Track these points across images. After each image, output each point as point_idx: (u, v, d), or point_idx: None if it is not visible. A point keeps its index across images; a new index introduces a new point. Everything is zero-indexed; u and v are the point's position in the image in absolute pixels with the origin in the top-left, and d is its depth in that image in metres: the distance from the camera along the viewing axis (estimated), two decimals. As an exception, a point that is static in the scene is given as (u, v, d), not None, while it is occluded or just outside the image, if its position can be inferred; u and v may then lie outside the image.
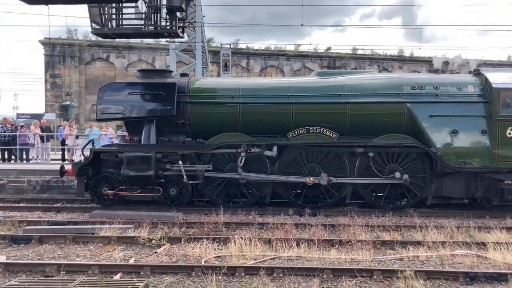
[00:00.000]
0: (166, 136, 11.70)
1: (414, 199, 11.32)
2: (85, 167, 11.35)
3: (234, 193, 11.65)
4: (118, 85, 12.11)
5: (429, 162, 11.17)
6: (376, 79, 12.07)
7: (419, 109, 11.10)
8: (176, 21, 12.59)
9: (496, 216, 10.84)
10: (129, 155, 11.03)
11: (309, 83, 12.03)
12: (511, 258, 7.14)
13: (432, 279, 6.35)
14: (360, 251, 7.48)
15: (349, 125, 11.30)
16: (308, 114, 11.37)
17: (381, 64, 37.62)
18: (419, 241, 8.19)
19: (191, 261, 7.16)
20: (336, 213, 11.03)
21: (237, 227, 9.57)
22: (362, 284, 6.21)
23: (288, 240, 7.88)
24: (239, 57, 35.05)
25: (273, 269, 6.53)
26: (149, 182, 11.13)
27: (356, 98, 11.29)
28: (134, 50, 34.66)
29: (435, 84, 11.43)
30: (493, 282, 6.26)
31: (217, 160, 11.41)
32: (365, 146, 11.12)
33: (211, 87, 12.25)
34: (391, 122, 11.22)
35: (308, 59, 36.77)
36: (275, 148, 11.21)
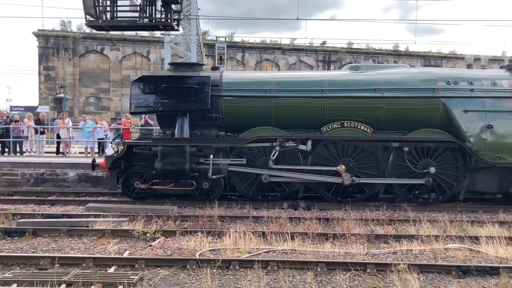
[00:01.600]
0: (198, 129, 11.61)
1: (447, 194, 11.36)
2: (117, 160, 11.30)
3: (265, 187, 11.60)
4: (151, 78, 12.10)
5: (462, 157, 11.24)
6: (410, 74, 12.09)
7: (454, 104, 11.10)
8: (171, 14, 12.52)
9: (488, 210, 10.94)
10: (164, 148, 10.98)
11: (343, 77, 11.99)
12: (503, 252, 7.21)
13: (425, 273, 6.40)
14: (354, 245, 7.52)
15: (384, 120, 11.28)
16: (342, 108, 11.29)
17: (376, 59, 37.63)
18: (413, 235, 8.24)
19: (186, 254, 7.17)
20: (331, 207, 11.07)
21: (231, 221, 9.59)
22: (356, 278, 6.24)
23: (283, 234, 7.90)
24: (234, 50, 34.95)
25: (267, 262, 6.56)
26: (183, 176, 11.06)
27: (391, 92, 11.26)
28: (128, 43, 34.45)
29: (470, 79, 11.45)
30: (485, 275, 6.32)
31: (251, 153, 11.42)
32: (401, 141, 11.16)
33: (244, 81, 12.14)
34: (425, 117, 11.22)
35: (303, 53, 36.72)
36: (310, 143, 11.22)
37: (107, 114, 33.33)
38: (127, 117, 19.58)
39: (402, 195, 11.41)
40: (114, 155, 11.58)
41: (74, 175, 13.84)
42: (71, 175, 13.78)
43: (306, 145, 11.19)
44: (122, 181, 11.40)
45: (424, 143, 11.19)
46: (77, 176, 13.83)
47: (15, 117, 18.56)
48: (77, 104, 34.40)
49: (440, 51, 37.86)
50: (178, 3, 12.54)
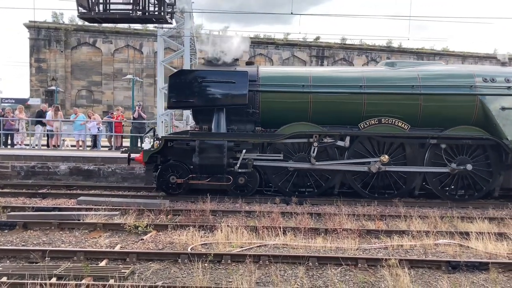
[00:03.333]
0: (234, 124, 11.59)
1: (482, 191, 11.49)
2: (154, 155, 11.27)
3: (300, 183, 11.62)
4: (189, 73, 12.03)
5: (498, 154, 11.33)
6: (447, 71, 12.22)
7: (491, 101, 11.19)
8: (165, 7, 12.46)
9: (478, 206, 11.04)
10: (202, 143, 10.98)
11: (381, 74, 12.03)
12: (492, 248, 7.29)
13: (416, 268, 6.45)
14: (346, 240, 7.56)
15: (421, 116, 11.34)
16: (380, 105, 11.32)
17: (369, 55, 37.71)
18: (404, 230, 8.29)
19: (178, 248, 7.17)
20: (322, 202, 11.11)
21: (224, 215, 9.60)
22: (347, 272, 6.28)
23: (275, 228, 7.92)
24: (228, 44, 34.84)
25: (259, 256, 6.57)
26: (221, 171, 11.06)
27: (429, 89, 11.31)
28: (121, 36, 34.19)
29: (506, 76, 11.55)
30: (475, 271, 6.38)
31: (287, 149, 11.43)
32: (439, 138, 11.23)
33: (281, 76, 12.13)
34: (462, 114, 11.30)
35: (297, 48, 36.70)
36: (348, 139, 11.26)
37: (99, 107, 33.12)
38: (119, 110, 19.49)
39: (438, 191, 11.49)
40: (151, 149, 11.49)
41: (66, 168, 13.76)
42: (62, 168, 13.70)
43: (344, 141, 11.25)
44: (158, 176, 11.39)
45: (461, 140, 11.26)
46: (69, 169, 13.75)
47: (8, 109, 18.37)
48: (68, 97, 34.13)
49: (433, 47, 38.03)
50: (172, -4, 12.47)
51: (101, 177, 13.82)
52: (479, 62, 36.47)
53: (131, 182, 13.62)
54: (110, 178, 13.79)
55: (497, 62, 14.29)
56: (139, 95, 32.39)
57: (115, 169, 13.86)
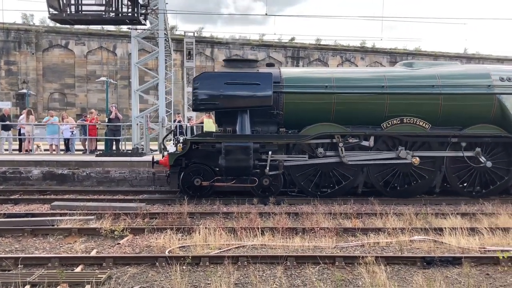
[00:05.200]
0: (257, 126, 11.62)
1: (499, 187, 11.83)
2: (179, 158, 11.18)
3: (323, 183, 11.73)
4: (213, 75, 12.10)
5: None
6: (465, 71, 12.55)
7: (508, 100, 11.53)
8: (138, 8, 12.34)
9: (451, 202, 11.30)
10: (229, 145, 10.95)
11: (401, 74, 12.22)
12: (465, 242, 7.47)
13: (392, 264, 6.56)
14: (323, 239, 7.62)
15: (441, 115, 11.60)
16: (401, 105, 11.55)
17: (344, 55, 38.13)
18: (380, 228, 8.43)
19: (155, 251, 7.11)
20: (300, 202, 11.19)
21: (201, 217, 9.55)
22: (325, 271, 6.33)
23: (253, 229, 7.93)
24: (203, 45, 34.67)
25: (237, 258, 6.56)
26: (247, 172, 11.08)
27: (448, 89, 11.56)
28: (94, 37, 33.63)
29: None
30: (448, 265, 6.53)
31: (311, 150, 11.54)
32: (460, 136, 11.52)
33: (304, 77, 12.27)
34: (480, 112, 11.61)
35: (272, 49, 36.82)
36: (372, 139, 11.42)
37: (73, 110, 32.50)
38: (93, 113, 19.17)
39: (456, 188, 11.88)
40: (176, 152, 11.38)
41: (39, 173, 13.47)
42: (35, 173, 13.40)
43: (369, 141, 11.40)
44: (182, 179, 11.29)
45: (481, 138, 11.56)
46: (42, 174, 13.47)
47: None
48: (40, 100, 33.37)
49: (405, 47, 38.70)
50: (145, -3, 12.35)
51: (76, 181, 13.58)
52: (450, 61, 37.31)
53: (106, 186, 13.43)
54: (85, 182, 13.57)
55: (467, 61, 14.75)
56: (114, 98, 31.93)
57: (90, 173, 13.64)
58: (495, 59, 36.57)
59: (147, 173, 13.65)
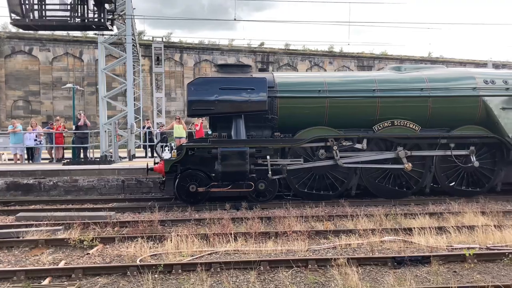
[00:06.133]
0: (252, 131, 11.64)
1: (486, 186, 12.23)
2: (175, 164, 11.09)
3: (318, 187, 11.85)
4: (208, 80, 11.98)
5: (500, 151, 12.15)
6: (451, 74, 12.82)
7: (492, 102, 11.99)
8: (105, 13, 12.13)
9: (419, 203, 11.56)
10: (225, 150, 10.88)
11: (391, 77, 12.42)
12: (433, 241, 7.65)
13: (363, 266, 6.65)
14: (296, 242, 7.66)
15: (429, 118, 11.95)
16: (392, 108, 11.83)
17: (312, 60, 38.54)
18: (351, 230, 8.54)
19: (126, 260, 6.97)
20: (272, 206, 11.21)
21: (173, 224, 9.44)
22: (298, 274, 6.36)
23: (225, 235, 7.89)
24: (172, 51, 34.35)
25: (210, 264, 6.52)
26: (243, 177, 11.07)
27: (437, 92, 11.88)
28: (59, 43, 32.82)
29: (503, 78, 12.39)
30: (418, 265, 6.67)
31: (306, 153, 11.71)
32: (449, 138, 11.91)
33: (297, 82, 12.35)
34: (467, 114, 12.03)
35: (242, 54, 36.86)
36: (365, 141, 11.57)
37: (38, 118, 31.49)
38: (59, 120, 18.69)
39: (448, 188, 12.22)
40: (171, 158, 11.26)
41: (2, 183, 13.02)
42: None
43: (362, 143, 11.58)
44: (177, 185, 11.19)
45: (468, 139, 11.92)
46: (6, 184, 13.03)
47: None
48: (3, 108, 32.30)
49: (372, 52, 39.46)
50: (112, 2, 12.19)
51: (42, 191, 13.20)
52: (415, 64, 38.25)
53: (74, 195, 13.11)
54: (51, 191, 13.20)
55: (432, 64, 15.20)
56: (81, 104, 31.24)
57: (57, 182, 13.28)
58: (457, 62, 37.67)
59: (116, 181, 13.41)
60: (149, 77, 32.26)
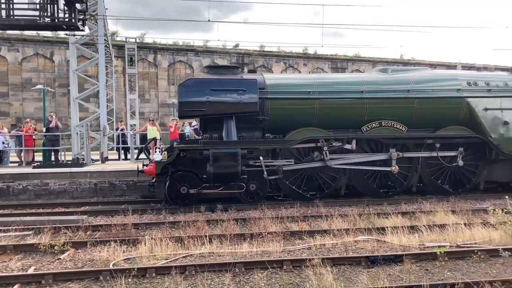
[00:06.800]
0: (243, 132, 11.57)
1: (470, 184, 12.63)
2: (166, 166, 10.94)
3: (309, 187, 12.00)
4: (199, 81, 11.83)
5: (483, 151, 12.49)
6: (435, 76, 13.13)
7: (475, 103, 12.36)
8: (76, 13, 11.91)
9: (392, 202, 11.76)
10: (217, 151, 10.86)
11: (378, 79, 12.57)
12: (406, 240, 7.79)
13: (338, 265, 6.70)
14: (271, 243, 7.67)
15: (416, 118, 12.20)
16: (380, 109, 12.05)
17: (287, 61, 38.76)
18: (325, 230, 8.61)
19: (98, 265, 6.84)
20: (247, 207, 11.20)
21: (147, 227, 9.33)
22: (273, 275, 6.36)
23: (200, 237, 7.85)
24: (146, 52, 33.96)
25: (185, 267, 6.46)
26: (235, 178, 11.06)
27: (422, 93, 12.22)
28: (29, 43, 31.99)
29: (486, 80, 12.75)
30: (391, 263, 6.77)
31: (295, 154, 11.79)
32: (435, 138, 12.18)
33: (288, 83, 12.42)
34: (451, 114, 12.33)
35: (217, 55, 36.76)
36: (354, 142, 11.83)
37: (7, 120, 30.69)
38: (29, 123, 18.22)
39: (434, 188, 12.51)
40: (162, 160, 11.09)
41: (-31, 188, 12.60)
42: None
43: (351, 144, 11.75)
44: (168, 187, 11.09)
45: (453, 139, 12.19)
46: (-28, 189, 12.60)
47: None
48: (-30, 110, 31.29)
49: (345, 54, 39.90)
50: (83, 2, 11.96)
51: (11, 195, 12.84)
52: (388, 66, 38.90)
53: (45, 199, 12.80)
54: (21, 195, 12.85)
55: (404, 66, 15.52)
56: (52, 106, 30.51)
57: (26, 186, 12.94)
58: (428, 64, 38.45)
59: (88, 184, 13.16)
60: (123, 78, 31.80)
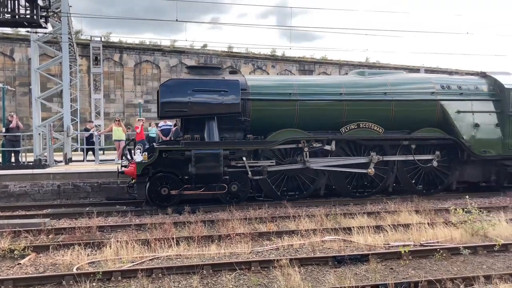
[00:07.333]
0: (225, 133, 11.57)
1: (443, 185, 13.00)
2: (147, 167, 10.85)
3: (289, 187, 12.11)
4: (181, 82, 11.61)
5: (455, 152, 12.86)
6: (411, 79, 13.55)
7: (449, 105, 12.74)
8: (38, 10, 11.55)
9: (358, 203, 11.96)
10: (199, 152, 10.71)
11: (356, 82, 12.72)
12: (371, 240, 7.93)
13: (305, 265, 6.76)
14: (239, 244, 7.65)
15: (392, 120, 12.44)
16: (358, 111, 12.19)
17: (255, 63, 38.87)
18: (293, 230, 8.66)
19: (61, 269, 6.64)
20: (215, 209, 11.15)
21: (112, 230, 9.14)
22: (241, 277, 6.35)
23: (168, 240, 7.74)
24: (111, 51, 33.28)
25: (151, 270, 6.35)
26: (217, 179, 10.95)
27: (399, 96, 12.49)
28: (-13, 40, 30.85)
29: (458, 84, 13.22)
30: (357, 263, 6.88)
31: (276, 155, 11.86)
32: (410, 139, 12.48)
33: (269, 85, 12.41)
34: (426, 117, 12.64)
35: (184, 55, 36.44)
36: (334, 143, 11.95)
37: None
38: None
39: (410, 188, 12.86)
40: (143, 161, 10.82)
41: None
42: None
43: (331, 145, 11.91)
44: (148, 188, 10.86)
45: (429, 140, 12.61)
46: None
47: None
48: None
49: (313, 56, 40.36)
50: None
51: (-33, 198, 12.29)
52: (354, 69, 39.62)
53: (4, 202, 12.33)
54: (-22, 198, 12.32)
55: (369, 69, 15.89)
56: (12, 106, 29.45)
57: (-16, 189, 12.43)
58: (392, 67, 39.38)
59: (51, 186, 12.78)
60: (87, 78, 31.07)
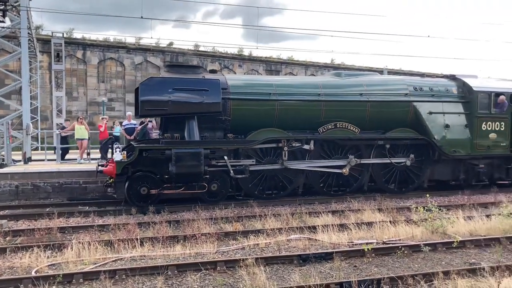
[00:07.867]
0: (205, 132, 11.49)
1: (415, 183, 13.40)
2: (126, 166, 10.65)
3: (269, 186, 12.22)
4: (161, 80, 11.40)
5: (427, 151, 13.25)
6: (386, 81, 13.88)
7: (421, 107, 13.13)
8: (-5, 3, 11.09)
9: (323, 201, 12.12)
10: (179, 151, 10.60)
11: (333, 83, 12.90)
12: (336, 238, 8.05)
13: (271, 264, 6.79)
14: (205, 244, 7.61)
15: (368, 120, 12.71)
16: (335, 111, 12.39)
17: (222, 62, 38.78)
18: (259, 230, 8.69)
19: (19, 273, 6.41)
20: (181, 209, 11.05)
21: (74, 231, 8.91)
22: (207, 277, 6.31)
23: (131, 240, 7.62)
24: (74, 47, 32.39)
25: (115, 271, 6.23)
26: (198, 179, 10.88)
27: (374, 97, 12.78)
28: None
29: (429, 86, 13.65)
30: (322, 261, 6.96)
31: (257, 154, 11.89)
32: (385, 139, 12.78)
33: (249, 84, 12.47)
34: (400, 117, 13.01)
35: (150, 53, 35.90)
36: (312, 142, 12.09)
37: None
38: None
39: (382, 185, 13.21)
40: (123, 160, 10.52)
41: None
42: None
43: (310, 144, 12.05)
44: (127, 188, 10.63)
45: (402, 140, 13.00)
46: None
47: None
48: None
49: (279, 56, 40.62)
50: (4, -8, 11.18)
51: None
52: (319, 70, 40.08)
53: (-42, 203, 11.79)
54: None
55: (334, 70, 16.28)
56: (-33, 103, 28.31)
57: None
58: (357, 69, 40.11)
59: (9, 187, 12.31)
60: (48, 75, 30.10)
